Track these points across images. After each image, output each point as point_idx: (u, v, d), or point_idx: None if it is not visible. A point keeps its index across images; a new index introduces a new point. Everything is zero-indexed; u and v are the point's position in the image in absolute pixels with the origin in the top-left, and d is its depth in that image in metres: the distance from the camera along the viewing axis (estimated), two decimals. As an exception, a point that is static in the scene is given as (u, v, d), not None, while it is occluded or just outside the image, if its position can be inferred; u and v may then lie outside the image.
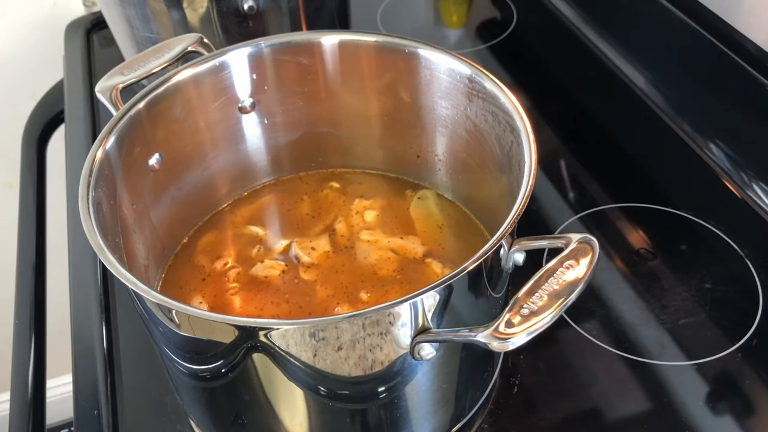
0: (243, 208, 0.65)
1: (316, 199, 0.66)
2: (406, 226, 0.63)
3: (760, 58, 0.69)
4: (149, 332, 0.50)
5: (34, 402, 0.67)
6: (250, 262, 0.60)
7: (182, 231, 0.63)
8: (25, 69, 1.09)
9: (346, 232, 0.62)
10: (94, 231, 0.46)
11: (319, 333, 0.42)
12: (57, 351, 0.80)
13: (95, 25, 1.00)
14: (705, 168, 0.73)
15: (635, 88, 0.82)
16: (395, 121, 0.64)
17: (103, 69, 0.59)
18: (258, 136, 0.64)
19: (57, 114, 0.95)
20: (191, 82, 0.58)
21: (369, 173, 0.68)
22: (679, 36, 0.78)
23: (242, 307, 0.57)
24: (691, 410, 0.56)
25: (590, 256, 0.42)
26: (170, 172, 0.59)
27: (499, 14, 1.00)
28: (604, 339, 0.61)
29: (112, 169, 0.52)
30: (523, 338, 0.39)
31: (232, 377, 0.47)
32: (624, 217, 0.71)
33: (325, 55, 0.61)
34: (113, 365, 0.62)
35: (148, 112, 0.55)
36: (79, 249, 0.71)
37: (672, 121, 0.77)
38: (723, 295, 0.64)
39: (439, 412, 0.53)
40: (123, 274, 0.43)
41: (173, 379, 0.54)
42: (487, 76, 0.55)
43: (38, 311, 0.75)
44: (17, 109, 1.02)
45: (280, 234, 0.63)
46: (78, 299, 0.67)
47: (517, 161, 0.51)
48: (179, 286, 0.59)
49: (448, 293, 0.44)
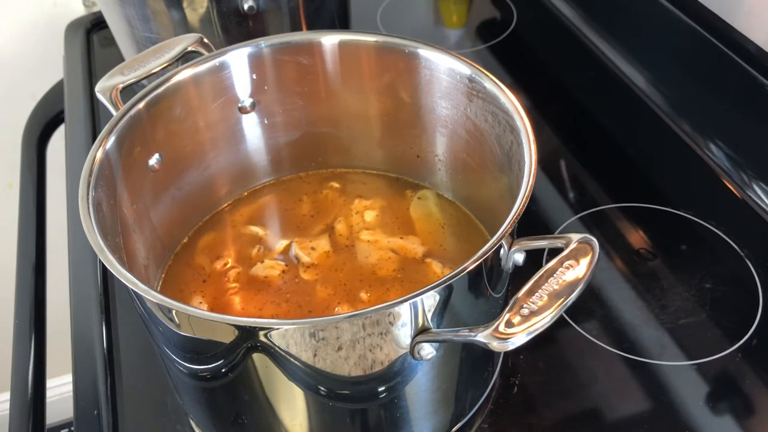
0: (243, 208, 0.65)
1: (316, 199, 0.66)
2: (406, 226, 0.63)
3: (760, 58, 0.69)
4: (149, 332, 0.50)
5: (34, 402, 0.67)
6: (250, 262, 0.60)
7: (182, 231, 0.63)
8: (25, 69, 1.09)
9: (346, 232, 0.62)
10: (94, 231, 0.46)
11: (319, 333, 0.43)
12: (57, 351, 0.80)
13: (95, 25, 1.00)
14: (705, 168, 0.73)
15: (635, 88, 0.82)
16: (395, 121, 0.64)
17: (103, 69, 0.59)
18: (258, 136, 0.64)
19: (57, 114, 0.95)
20: (191, 82, 0.58)
21: (369, 173, 0.68)
22: (679, 36, 0.78)
23: (242, 307, 0.57)
24: (691, 410, 0.56)
25: (590, 256, 0.42)
26: (170, 172, 0.59)
27: (499, 14, 1.00)
28: (604, 339, 0.61)
29: (112, 169, 0.52)
30: (523, 338, 0.39)
31: (232, 377, 0.47)
32: (624, 217, 0.71)
33: (325, 55, 0.61)
34: (113, 365, 0.62)
35: (148, 112, 0.55)
36: (79, 249, 0.71)
37: (672, 121, 0.77)
38: (723, 295, 0.64)
39: (439, 412, 0.53)
40: (123, 274, 0.43)
41: (173, 379, 0.54)
42: (487, 76, 0.55)
43: (38, 311, 0.75)
44: (17, 109, 1.02)
45: (280, 234, 0.63)
46: (78, 299, 0.67)
47: (517, 161, 0.51)
48: (179, 286, 0.59)
49: (448, 293, 0.44)
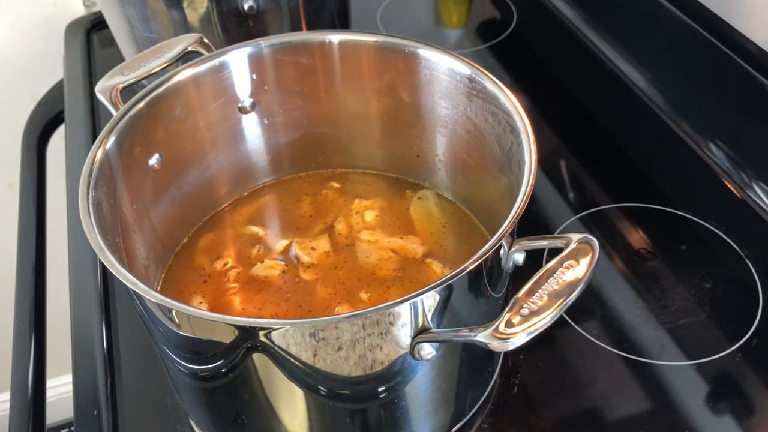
0: (243, 208, 0.65)
1: (316, 199, 0.66)
2: (406, 226, 0.63)
3: (760, 58, 0.69)
4: (149, 332, 0.50)
5: (34, 402, 0.67)
6: (250, 262, 0.60)
7: (182, 231, 0.63)
8: (25, 69, 1.09)
9: (346, 232, 0.62)
10: (94, 231, 0.46)
11: (319, 333, 0.43)
12: (57, 351, 0.80)
13: (95, 25, 1.00)
14: (705, 168, 0.73)
15: (635, 88, 0.82)
16: (395, 121, 0.64)
17: (103, 69, 0.60)
18: (258, 136, 0.64)
19: (57, 114, 0.95)
20: (191, 82, 0.58)
21: (369, 173, 0.68)
22: (679, 36, 0.78)
23: (242, 307, 0.57)
24: (691, 410, 0.56)
25: (590, 256, 0.42)
26: (170, 172, 0.59)
27: (499, 14, 1.00)
28: (604, 339, 0.61)
29: (112, 169, 0.52)
30: (523, 338, 0.39)
31: (232, 377, 0.47)
32: (624, 217, 0.71)
33: (325, 55, 0.61)
34: (113, 365, 0.62)
35: (148, 112, 0.55)
36: (79, 249, 0.71)
37: (672, 121, 0.77)
38: (723, 295, 0.64)
39: (439, 412, 0.53)
40: (123, 274, 0.43)
41: (173, 379, 0.54)
42: (487, 76, 0.55)
43: (38, 311, 0.75)
44: (17, 109, 1.02)
45: (280, 234, 0.63)
46: (78, 299, 0.67)
47: (517, 161, 0.51)
48: (179, 286, 0.59)
49: (448, 293, 0.44)
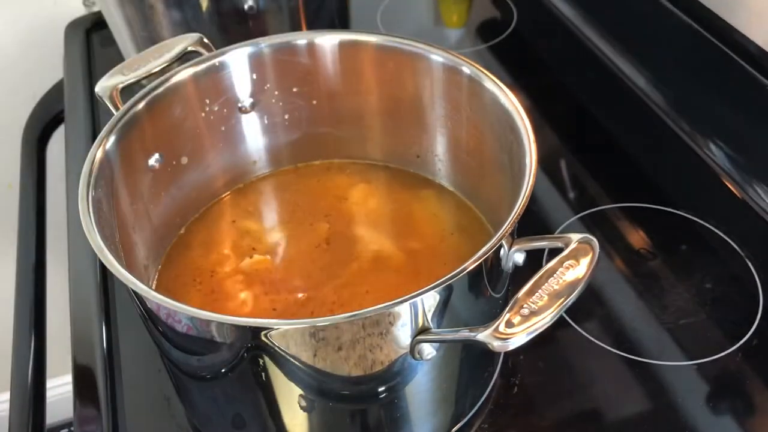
0: (241, 204, 0.65)
1: (314, 195, 0.65)
2: (406, 225, 0.62)
3: (760, 58, 0.69)
4: (149, 332, 0.50)
5: (34, 402, 0.67)
6: (249, 258, 0.60)
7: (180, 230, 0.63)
8: (25, 69, 1.09)
9: (345, 231, 0.62)
10: (94, 231, 0.46)
11: (319, 333, 0.42)
12: (57, 351, 0.80)
13: (95, 25, 1.00)
14: (705, 168, 0.73)
15: (635, 88, 0.82)
16: (395, 121, 0.64)
17: (103, 69, 0.59)
18: (258, 136, 0.64)
19: (57, 114, 0.95)
20: (191, 82, 0.58)
21: (368, 170, 0.67)
22: (679, 36, 0.78)
23: (240, 303, 0.57)
24: (691, 410, 0.56)
25: (590, 256, 0.42)
26: (170, 172, 0.59)
27: (499, 14, 1.00)
28: (604, 339, 0.61)
29: (112, 168, 0.52)
30: (523, 338, 0.39)
31: (232, 377, 0.47)
32: (624, 217, 0.71)
33: (325, 55, 0.61)
34: (113, 365, 0.62)
35: (148, 112, 0.55)
36: (79, 249, 0.71)
37: (672, 121, 0.77)
38: (723, 295, 0.64)
39: (439, 412, 0.53)
40: (123, 274, 0.43)
41: (173, 379, 0.54)
42: (487, 76, 0.55)
43: (38, 311, 0.75)
44: (17, 109, 1.02)
45: (278, 229, 0.63)
46: (78, 299, 0.67)
47: (517, 161, 0.51)
48: (179, 285, 0.59)
49: (448, 293, 0.44)
